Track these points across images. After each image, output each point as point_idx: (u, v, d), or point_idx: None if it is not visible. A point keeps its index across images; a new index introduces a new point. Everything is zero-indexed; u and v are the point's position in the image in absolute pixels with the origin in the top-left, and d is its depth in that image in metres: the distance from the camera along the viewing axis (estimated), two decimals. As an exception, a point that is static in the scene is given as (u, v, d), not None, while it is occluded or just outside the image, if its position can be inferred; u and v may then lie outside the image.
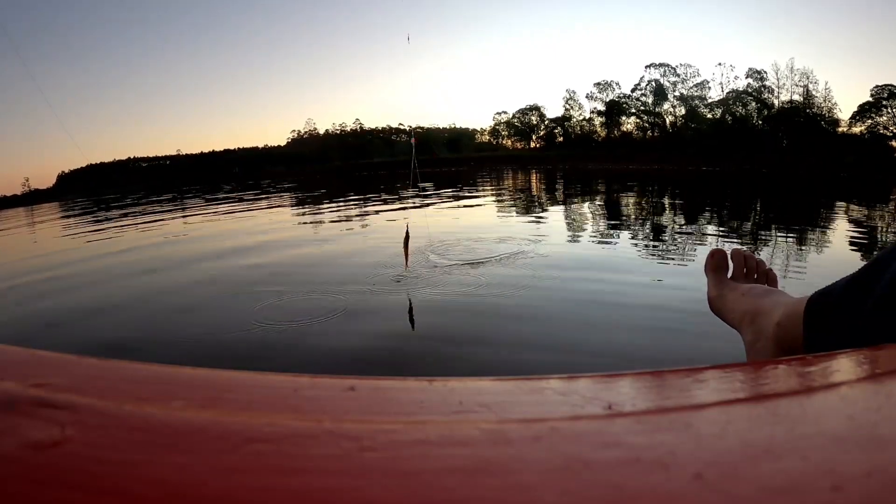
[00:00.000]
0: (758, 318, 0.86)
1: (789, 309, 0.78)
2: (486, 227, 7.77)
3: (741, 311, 0.92)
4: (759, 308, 0.87)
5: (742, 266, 1.04)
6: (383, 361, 2.92)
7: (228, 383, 0.30)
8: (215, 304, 4.43)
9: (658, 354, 2.85)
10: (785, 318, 0.78)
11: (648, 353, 2.89)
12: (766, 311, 0.85)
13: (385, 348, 3.10)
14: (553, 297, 3.88)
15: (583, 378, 0.31)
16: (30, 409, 0.25)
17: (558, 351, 2.95)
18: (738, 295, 0.95)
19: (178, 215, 13.92)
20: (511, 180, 21.30)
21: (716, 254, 1.06)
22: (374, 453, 0.23)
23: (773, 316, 0.82)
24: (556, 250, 5.66)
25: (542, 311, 3.61)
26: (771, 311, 0.84)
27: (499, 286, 4.19)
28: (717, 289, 1.01)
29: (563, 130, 65.18)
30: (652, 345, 2.99)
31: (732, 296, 0.97)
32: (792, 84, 48.59)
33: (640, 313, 3.52)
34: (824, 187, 16.03)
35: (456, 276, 4.60)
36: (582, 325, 3.36)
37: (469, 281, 4.42)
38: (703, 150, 43.11)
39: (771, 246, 5.86)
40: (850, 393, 0.30)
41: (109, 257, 7.56)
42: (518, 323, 3.41)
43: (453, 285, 4.30)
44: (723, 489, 0.21)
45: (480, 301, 3.86)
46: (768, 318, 0.83)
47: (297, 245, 7.20)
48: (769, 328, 0.81)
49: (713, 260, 1.06)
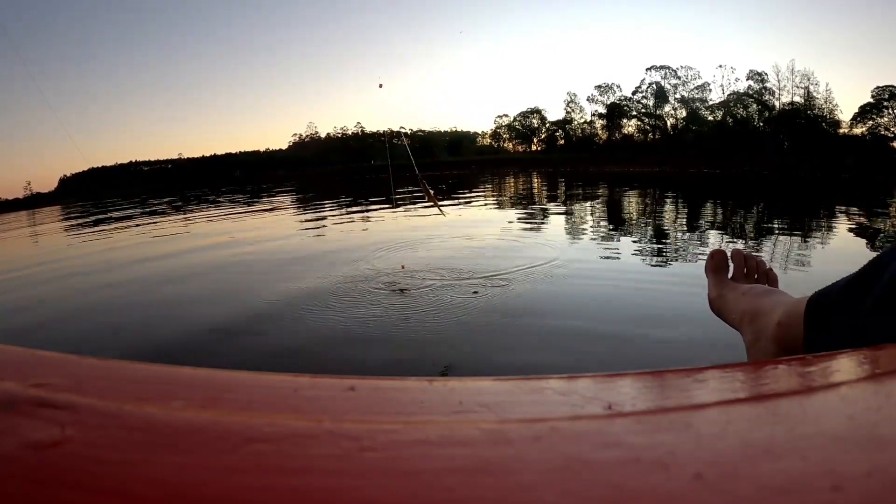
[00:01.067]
0: (758, 318, 0.86)
1: (789, 309, 0.78)
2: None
3: (741, 311, 0.91)
4: (760, 308, 0.87)
5: (742, 266, 1.04)
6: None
7: (228, 383, 0.30)
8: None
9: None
10: (785, 318, 0.78)
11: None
12: (766, 310, 0.85)
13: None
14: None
15: (583, 378, 0.31)
16: (30, 409, 0.25)
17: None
18: (739, 295, 0.95)
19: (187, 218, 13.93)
20: (517, 185, 21.11)
21: (716, 254, 1.06)
22: (374, 453, 0.23)
23: (774, 316, 0.81)
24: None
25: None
26: (771, 310, 0.84)
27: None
28: (718, 289, 1.01)
29: (564, 133, 65.20)
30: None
31: (732, 296, 0.97)
32: (793, 86, 48.64)
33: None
34: (825, 189, 16.00)
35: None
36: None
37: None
38: (704, 152, 43.10)
39: (772, 246, 5.85)
40: (850, 393, 0.30)
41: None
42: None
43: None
44: (723, 489, 0.21)
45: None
46: (768, 318, 0.83)
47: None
48: (769, 328, 0.81)
49: (713, 261, 1.06)
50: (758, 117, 49.97)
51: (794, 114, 47.16)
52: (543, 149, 66.42)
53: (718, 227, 7.70)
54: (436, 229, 7.68)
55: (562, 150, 62.39)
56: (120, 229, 12.42)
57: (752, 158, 34.87)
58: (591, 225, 8.45)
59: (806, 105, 47.36)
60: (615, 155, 49.89)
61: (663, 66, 57.24)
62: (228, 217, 13.43)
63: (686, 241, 6.53)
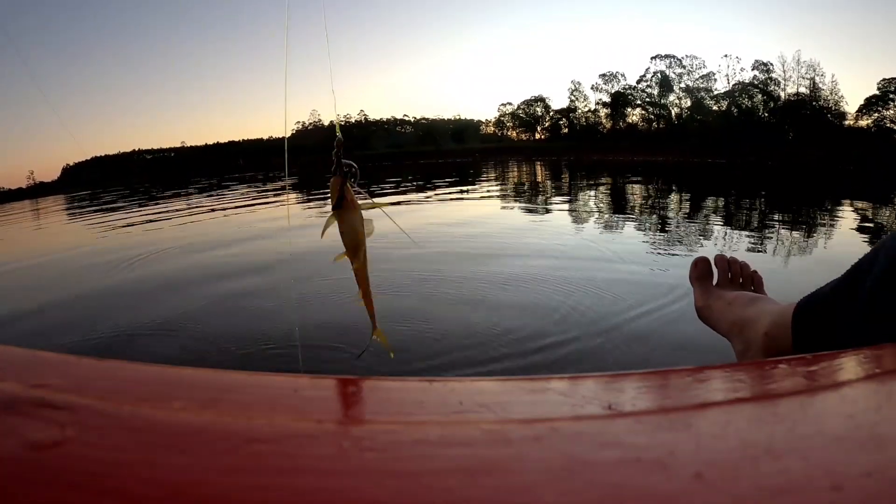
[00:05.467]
0: (745, 329, 0.86)
1: (776, 318, 0.78)
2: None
3: (729, 321, 0.91)
4: (746, 318, 0.87)
5: (727, 272, 1.03)
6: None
7: (228, 384, 0.30)
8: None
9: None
10: (773, 328, 0.78)
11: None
12: (752, 320, 0.85)
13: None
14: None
15: (583, 378, 0.31)
16: (30, 410, 0.25)
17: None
18: (725, 304, 0.95)
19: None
20: (523, 174, 20.89)
21: (699, 262, 1.05)
22: (374, 453, 0.23)
23: (760, 326, 0.82)
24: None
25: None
26: (757, 320, 0.84)
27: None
28: (704, 298, 1.00)
29: (568, 122, 64.92)
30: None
31: (719, 305, 0.96)
32: (798, 76, 48.30)
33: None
34: (830, 180, 15.91)
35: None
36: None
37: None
38: (708, 142, 42.93)
39: (776, 244, 5.81)
40: (850, 393, 0.30)
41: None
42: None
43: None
44: (723, 489, 0.21)
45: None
46: (755, 328, 0.83)
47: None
48: (757, 338, 0.81)
49: (696, 269, 1.04)
50: (763, 108, 49.69)
51: (800, 105, 46.89)
52: (547, 137, 66.14)
53: (721, 218, 7.66)
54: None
55: (566, 138, 62.13)
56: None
57: (757, 149, 34.69)
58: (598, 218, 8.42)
59: (811, 96, 47.06)
60: (619, 144, 49.69)
61: (668, 55, 56.87)
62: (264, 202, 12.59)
63: (693, 233, 6.49)
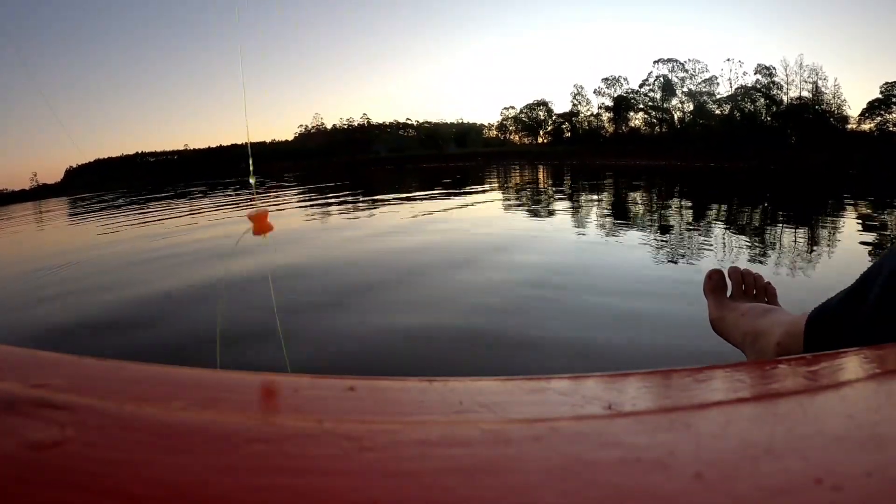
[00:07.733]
0: (758, 340, 0.87)
1: (788, 328, 0.79)
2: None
3: (742, 332, 0.92)
4: (759, 329, 0.88)
5: (740, 283, 1.04)
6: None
7: (228, 383, 0.30)
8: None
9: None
10: (785, 338, 0.79)
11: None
12: (765, 331, 0.86)
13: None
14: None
15: (583, 378, 0.31)
16: (30, 410, 0.26)
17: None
18: (738, 316, 0.95)
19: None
20: (522, 178, 20.87)
21: (713, 275, 1.05)
22: (374, 453, 0.23)
23: (773, 336, 0.83)
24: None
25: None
26: (770, 331, 0.85)
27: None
28: (718, 310, 1.01)
29: (570, 126, 64.94)
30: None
31: (732, 317, 0.97)
32: (801, 80, 48.25)
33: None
34: (833, 184, 15.87)
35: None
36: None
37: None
38: (711, 145, 42.91)
39: (788, 254, 5.78)
40: (850, 393, 0.30)
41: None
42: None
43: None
44: (723, 489, 0.21)
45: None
46: (767, 338, 0.84)
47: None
48: (770, 349, 0.82)
49: (711, 281, 1.05)
50: (765, 112, 49.66)
51: (802, 108, 46.82)
52: (550, 141, 66.19)
53: (727, 225, 7.64)
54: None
55: (568, 142, 62.14)
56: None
57: (760, 153, 34.66)
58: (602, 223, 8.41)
59: (814, 100, 47.00)
60: (622, 148, 49.67)
61: (671, 59, 56.85)
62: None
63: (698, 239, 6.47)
